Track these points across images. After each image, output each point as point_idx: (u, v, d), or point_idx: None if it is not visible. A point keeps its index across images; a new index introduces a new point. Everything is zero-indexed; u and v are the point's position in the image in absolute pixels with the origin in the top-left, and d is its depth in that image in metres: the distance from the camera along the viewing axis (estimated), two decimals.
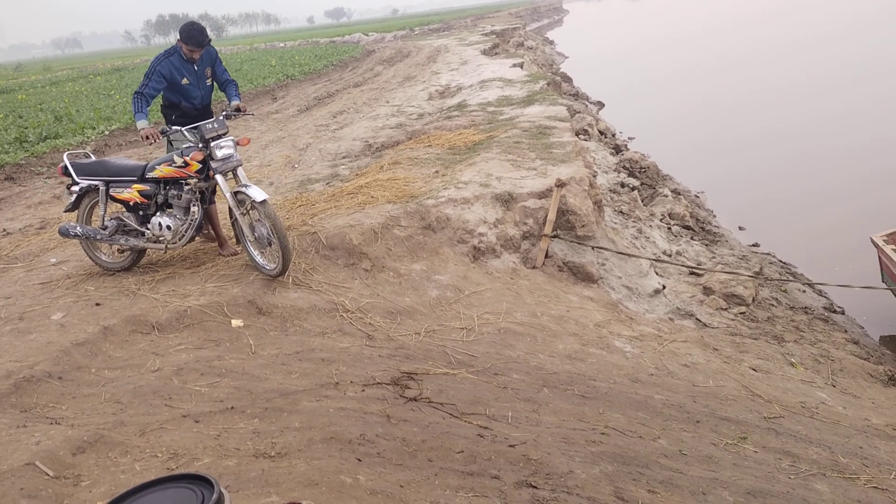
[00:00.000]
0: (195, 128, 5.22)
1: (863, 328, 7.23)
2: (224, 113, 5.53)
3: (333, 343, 4.55)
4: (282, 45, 50.62)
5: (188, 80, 5.71)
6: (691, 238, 9.33)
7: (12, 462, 2.91)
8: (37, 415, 3.49)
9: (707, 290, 7.10)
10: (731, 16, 53.39)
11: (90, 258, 5.84)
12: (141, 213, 5.54)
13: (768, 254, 9.09)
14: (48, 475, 2.84)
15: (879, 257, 7.36)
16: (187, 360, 4.13)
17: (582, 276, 6.52)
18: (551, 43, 47.66)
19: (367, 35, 48.88)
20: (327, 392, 3.81)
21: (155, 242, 5.45)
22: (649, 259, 7.34)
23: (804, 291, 7.92)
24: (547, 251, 6.59)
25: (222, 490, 1.50)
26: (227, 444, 3.18)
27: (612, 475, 3.19)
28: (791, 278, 8.18)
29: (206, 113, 5.95)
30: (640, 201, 9.98)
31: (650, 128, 17.59)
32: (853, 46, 28.46)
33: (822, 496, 3.31)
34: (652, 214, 9.74)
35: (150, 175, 5.37)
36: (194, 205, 5.32)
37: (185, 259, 5.86)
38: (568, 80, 24.51)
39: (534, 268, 6.52)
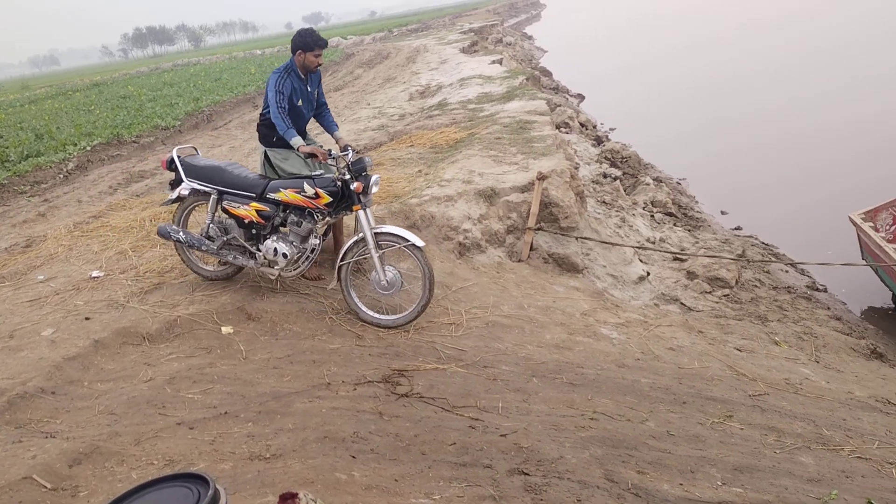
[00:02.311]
0: (360, 160, 4.77)
1: (845, 304, 7.35)
2: (348, 150, 4.96)
3: (324, 345, 4.60)
4: (260, 52, 50.30)
5: (302, 102, 5.24)
6: (674, 224, 9.43)
7: (10, 476, 2.94)
8: (32, 430, 3.52)
9: (691, 275, 7.20)
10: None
11: (185, 264, 5.54)
12: (254, 231, 5.14)
13: (751, 236, 9.21)
14: (46, 487, 2.88)
15: (858, 235, 7.48)
16: (179, 369, 4.16)
17: (567, 266, 6.59)
18: (530, 38, 47.82)
19: (345, 38, 48.74)
20: (320, 393, 3.86)
21: (267, 267, 5.08)
22: (633, 247, 7.42)
23: (787, 272, 8.04)
24: (531, 244, 6.66)
25: (217, 487, 1.55)
26: (223, 449, 3.23)
27: (601, 458, 3.26)
28: (773, 259, 8.29)
29: (302, 135, 5.36)
30: (622, 191, 10.08)
31: (631, 118, 17.72)
32: (829, 27, 28.72)
33: (808, 468, 3.40)
34: (634, 203, 9.83)
35: (271, 195, 4.96)
36: (315, 237, 4.98)
37: (173, 269, 5.88)
38: (547, 74, 24.63)
39: (519, 261, 6.59)
